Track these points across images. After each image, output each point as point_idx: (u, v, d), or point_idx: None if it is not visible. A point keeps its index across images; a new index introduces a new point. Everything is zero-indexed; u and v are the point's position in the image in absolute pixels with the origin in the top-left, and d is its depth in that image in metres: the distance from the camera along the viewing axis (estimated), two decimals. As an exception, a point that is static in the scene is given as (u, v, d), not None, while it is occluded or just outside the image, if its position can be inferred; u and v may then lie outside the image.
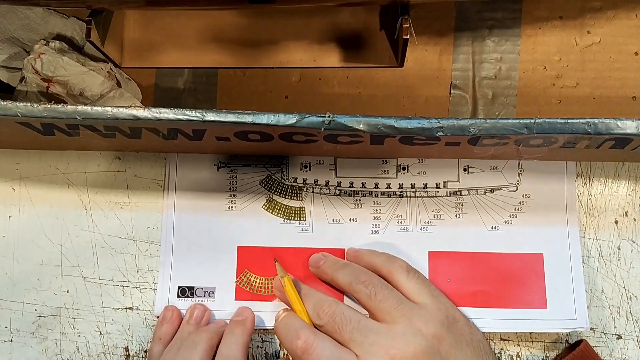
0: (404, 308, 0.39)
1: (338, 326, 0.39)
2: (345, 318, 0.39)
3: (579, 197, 0.46)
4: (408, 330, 0.38)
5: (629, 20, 0.47)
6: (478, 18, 0.48)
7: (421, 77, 0.48)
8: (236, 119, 0.36)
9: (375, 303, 0.40)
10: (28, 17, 0.47)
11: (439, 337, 0.38)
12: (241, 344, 0.42)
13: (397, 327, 0.38)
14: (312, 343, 0.38)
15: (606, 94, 0.47)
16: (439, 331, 0.39)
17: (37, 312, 0.47)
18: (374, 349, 0.38)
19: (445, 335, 0.39)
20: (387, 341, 0.38)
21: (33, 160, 0.48)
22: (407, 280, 0.41)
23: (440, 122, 0.36)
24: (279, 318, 0.42)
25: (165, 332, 0.44)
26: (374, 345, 0.38)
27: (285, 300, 0.44)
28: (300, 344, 0.38)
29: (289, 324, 0.40)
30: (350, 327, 0.39)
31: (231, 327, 0.43)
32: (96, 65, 0.46)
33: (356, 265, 0.43)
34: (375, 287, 0.40)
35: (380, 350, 0.37)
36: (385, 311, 0.39)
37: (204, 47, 0.49)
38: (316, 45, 0.48)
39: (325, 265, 0.44)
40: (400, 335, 0.38)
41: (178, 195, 0.47)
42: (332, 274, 0.43)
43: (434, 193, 0.46)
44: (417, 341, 0.38)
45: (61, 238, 0.47)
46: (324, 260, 0.44)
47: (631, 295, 0.45)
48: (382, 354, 0.37)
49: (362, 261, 0.44)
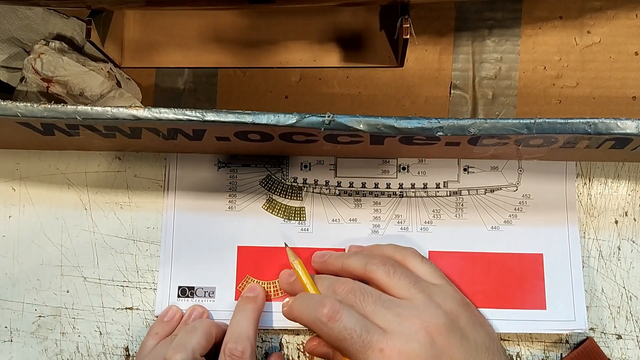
0: (421, 285, 0.39)
1: (359, 299, 0.38)
2: (365, 292, 0.39)
3: (579, 197, 0.46)
4: (429, 304, 0.38)
5: (629, 20, 0.47)
6: (478, 18, 0.48)
7: (421, 77, 0.48)
8: (236, 119, 0.36)
9: (395, 280, 0.39)
10: (28, 17, 0.47)
11: (456, 313, 0.39)
12: (253, 319, 0.41)
13: (417, 302, 0.38)
14: (338, 309, 0.37)
15: (606, 94, 0.47)
16: (457, 308, 0.39)
17: (37, 312, 0.47)
18: (400, 320, 0.37)
19: (462, 313, 0.39)
20: (412, 312, 0.38)
21: (33, 160, 0.48)
22: (421, 265, 0.41)
23: (440, 122, 0.36)
24: (292, 300, 0.41)
25: (163, 329, 0.43)
26: (400, 317, 0.37)
27: (293, 292, 0.43)
28: (326, 311, 0.37)
29: (309, 298, 0.40)
30: (372, 300, 0.38)
31: (243, 303, 0.43)
32: (96, 65, 0.46)
33: (367, 252, 0.43)
34: (392, 265, 0.40)
35: (406, 321, 0.37)
36: (404, 287, 0.39)
37: (204, 47, 0.49)
38: (316, 45, 0.48)
39: (332, 257, 0.43)
40: (423, 308, 0.38)
41: (178, 195, 0.47)
42: (342, 262, 0.42)
43: (434, 193, 0.46)
44: (439, 314, 0.38)
45: (61, 238, 0.47)
46: (329, 254, 0.44)
47: (631, 295, 0.45)
48: (408, 325, 0.37)
49: (370, 252, 0.43)
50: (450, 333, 0.37)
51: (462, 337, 0.38)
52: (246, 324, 0.41)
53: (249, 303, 0.43)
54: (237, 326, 0.41)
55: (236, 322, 0.41)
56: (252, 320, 0.41)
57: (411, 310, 0.38)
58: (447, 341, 0.37)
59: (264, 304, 0.44)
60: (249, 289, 0.44)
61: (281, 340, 0.46)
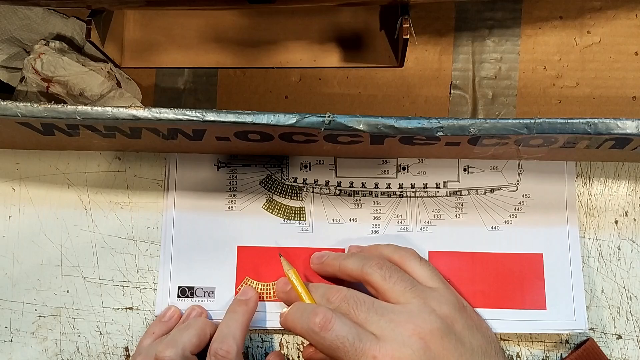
0: (417, 289, 0.39)
1: (352, 307, 0.38)
2: (358, 299, 0.39)
3: (579, 197, 0.46)
4: (423, 309, 0.38)
5: (629, 20, 0.47)
6: (478, 18, 0.48)
7: (421, 77, 0.48)
8: (236, 119, 0.36)
9: (390, 284, 0.39)
10: (28, 17, 0.47)
11: (452, 318, 0.39)
12: (242, 322, 0.42)
13: (411, 307, 0.38)
14: (330, 318, 0.37)
15: (606, 94, 0.47)
16: (452, 313, 0.39)
17: (37, 312, 0.47)
18: (393, 326, 0.37)
19: (458, 317, 0.39)
20: (405, 318, 0.38)
21: (33, 160, 0.48)
22: (419, 267, 0.41)
23: (440, 122, 0.36)
24: (287, 311, 0.41)
25: (160, 329, 0.43)
26: (392, 322, 0.37)
27: (289, 301, 0.43)
28: (318, 320, 0.37)
29: (303, 308, 0.40)
30: (366, 307, 0.38)
31: (233, 306, 0.43)
32: (96, 65, 0.46)
33: (365, 253, 0.43)
34: (389, 269, 0.40)
35: (399, 327, 0.37)
36: (399, 292, 0.39)
37: (204, 47, 0.49)
38: (316, 45, 0.48)
39: (330, 258, 0.43)
40: (417, 313, 0.38)
41: (178, 195, 0.47)
42: (339, 263, 0.42)
43: (434, 193, 0.46)
44: (433, 319, 0.38)
45: (61, 238, 0.47)
46: (327, 255, 0.44)
47: (631, 295, 0.45)
48: (401, 331, 0.37)
49: (369, 253, 0.43)
50: (445, 338, 0.37)
51: (457, 342, 0.38)
52: (234, 325, 0.41)
53: (239, 306, 0.43)
54: (225, 327, 0.41)
55: (225, 323, 0.42)
56: (240, 322, 0.42)
57: (405, 315, 0.38)
58: (442, 346, 0.37)
59: (256, 307, 0.44)
60: (242, 292, 0.44)
61: (281, 340, 0.46)
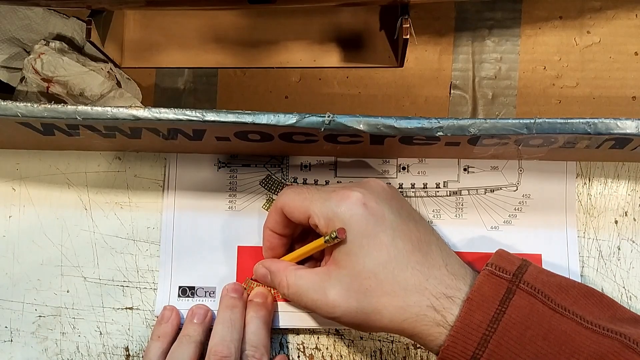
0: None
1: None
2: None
3: (578, 197, 0.46)
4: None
5: (629, 20, 0.47)
6: (478, 18, 0.48)
7: (421, 77, 0.48)
8: (236, 119, 0.36)
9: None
10: (28, 17, 0.47)
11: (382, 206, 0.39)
12: (268, 329, 0.43)
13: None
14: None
15: (606, 94, 0.47)
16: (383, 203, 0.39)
17: (37, 312, 0.47)
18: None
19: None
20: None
21: (33, 160, 0.48)
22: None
23: (440, 122, 0.36)
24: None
25: (165, 331, 0.43)
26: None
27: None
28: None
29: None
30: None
31: (255, 310, 0.43)
32: (96, 65, 0.46)
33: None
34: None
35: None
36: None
37: (204, 47, 0.49)
38: (316, 45, 0.48)
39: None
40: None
41: (178, 195, 0.47)
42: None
43: (434, 193, 0.46)
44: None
45: (61, 238, 0.47)
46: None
47: (631, 295, 0.45)
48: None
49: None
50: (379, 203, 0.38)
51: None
52: (264, 333, 0.42)
53: (261, 310, 0.43)
54: (255, 337, 0.42)
55: (253, 332, 0.42)
56: (268, 329, 0.43)
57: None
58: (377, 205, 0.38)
59: (274, 306, 0.44)
60: (255, 294, 0.44)
61: (281, 340, 0.46)
